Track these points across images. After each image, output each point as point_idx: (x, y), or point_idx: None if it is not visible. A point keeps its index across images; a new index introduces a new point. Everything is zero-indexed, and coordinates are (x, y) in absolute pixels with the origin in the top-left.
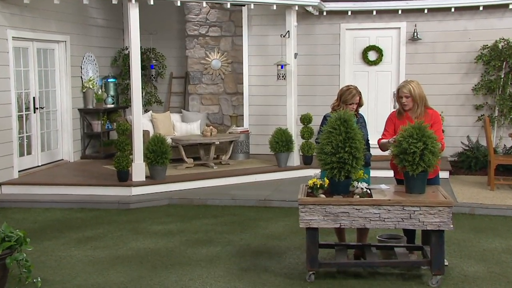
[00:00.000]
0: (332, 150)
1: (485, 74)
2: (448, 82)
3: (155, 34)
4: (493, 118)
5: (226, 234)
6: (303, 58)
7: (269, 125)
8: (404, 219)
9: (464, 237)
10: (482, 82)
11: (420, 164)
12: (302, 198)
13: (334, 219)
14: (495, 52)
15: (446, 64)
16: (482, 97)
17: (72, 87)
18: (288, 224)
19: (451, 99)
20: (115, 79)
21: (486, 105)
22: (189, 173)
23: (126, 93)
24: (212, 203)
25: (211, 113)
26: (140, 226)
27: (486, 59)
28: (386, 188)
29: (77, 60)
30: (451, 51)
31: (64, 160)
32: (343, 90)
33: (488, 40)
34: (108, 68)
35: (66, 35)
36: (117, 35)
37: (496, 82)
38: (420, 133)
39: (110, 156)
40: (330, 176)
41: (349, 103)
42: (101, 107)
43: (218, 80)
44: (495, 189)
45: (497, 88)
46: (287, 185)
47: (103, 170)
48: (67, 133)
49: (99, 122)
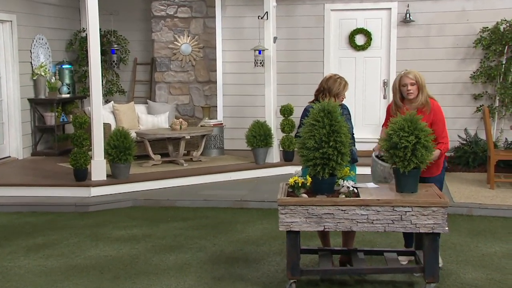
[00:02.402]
0: (315, 145)
1: (485, 60)
2: (443, 69)
3: (116, 15)
4: (493, 109)
5: (198, 239)
6: (283, 42)
7: (246, 117)
8: (395, 221)
9: (461, 241)
10: (481, 69)
11: (412, 160)
12: (282, 199)
13: (318, 221)
14: (496, 35)
15: (442, 49)
16: (481, 85)
17: (20, 74)
18: (267, 228)
19: (447, 87)
20: (71, 66)
21: (485, 95)
22: (156, 171)
23: (83, 81)
24: (182, 204)
25: (180, 104)
26: (100, 231)
27: (486, 43)
28: (375, 186)
29: (26, 43)
30: (447, 34)
31: (11, 157)
32: (330, 82)
33: (488, 21)
34: (62, 52)
35: (12, 13)
36: (73, 15)
37: (497, 68)
38: (412, 125)
39: (65, 153)
40: (313, 174)
41: (341, 95)
42: (55, 97)
43: (189, 67)
44: (495, 188)
45: (498, 75)
46: (266, 184)
47: (58, 169)
48: (15, 126)
49: (53, 114)
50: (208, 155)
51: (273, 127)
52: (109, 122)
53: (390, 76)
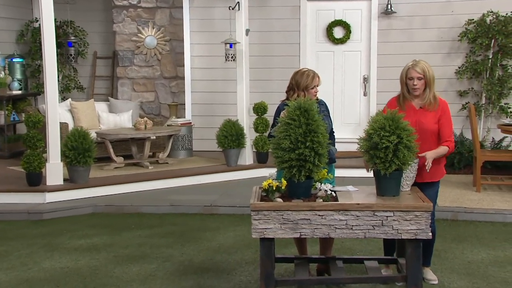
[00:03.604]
0: (291, 146)
1: (471, 54)
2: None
3: (73, 3)
4: (479, 107)
5: (164, 248)
6: (257, 35)
7: (216, 116)
8: (375, 227)
9: (446, 247)
10: (467, 64)
11: (394, 161)
12: (255, 203)
13: (293, 227)
14: (482, 27)
15: (425, 43)
16: (467, 81)
17: None
18: (239, 235)
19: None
20: (23, 59)
21: (471, 91)
22: (118, 174)
23: (37, 76)
24: (147, 210)
25: (145, 101)
26: (56, 240)
27: (471, 36)
28: (354, 190)
29: None
30: (430, 26)
31: None
32: (297, 76)
33: (474, 13)
34: (12, 45)
35: None
36: (24, 3)
37: (483, 63)
38: (393, 124)
39: (17, 155)
40: (289, 177)
41: (311, 88)
42: (5, 94)
43: (154, 62)
44: (482, 191)
45: (484, 70)
46: (238, 188)
47: (8, 172)
48: None
49: (2, 112)
50: (176, 157)
51: (245, 127)
52: (66, 121)
53: (370, 71)
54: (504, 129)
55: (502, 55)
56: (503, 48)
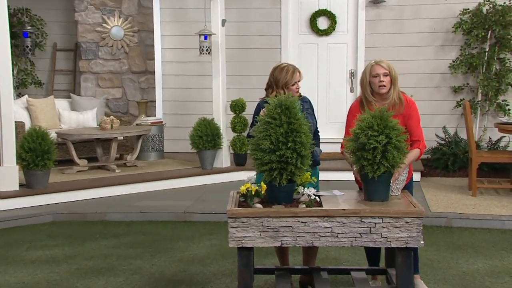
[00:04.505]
0: (271, 147)
1: (466, 46)
2: (419, 58)
3: None
4: (475, 104)
5: (133, 259)
6: (234, 26)
7: (190, 114)
8: (363, 234)
9: (439, 257)
10: (461, 57)
11: (383, 163)
12: (232, 209)
13: (274, 235)
14: (478, 18)
15: (417, 34)
16: (462, 76)
17: None
18: (215, 244)
19: (423, 79)
20: None
21: (466, 87)
22: (81, 179)
23: None
24: (113, 218)
25: (111, 98)
26: (10, 253)
27: (466, 27)
28: (340, 194)
29: None
30: (422, 17)
31: None
32: (276, 72)
33: (469, 2)
34: None
35: None
36: None
37: (479, 57)
38: (382, 123)
39: None
40: (269, 180)
41: (291, 84)
42: None
43: (121, 55)
44: (478, 195)
45: (480, 64)
46: (214, 193)
47: None
48: None
49: None
50: (145, 159)
51: (222, 126)
52: (22, 120)
53: (358, 65)
54: (501, 128)
55: (500, 48)
56: (501, 40)
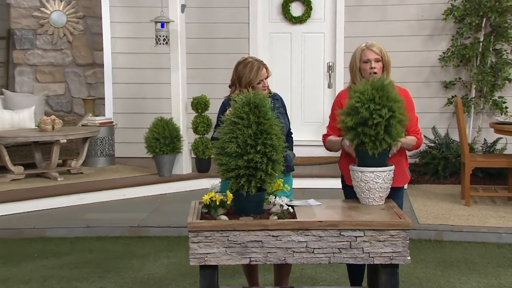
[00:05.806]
0: (238, 150)
1: (458, 36)
2: (405, 49)
3: None
4: (468, 101)
5: (77, 281)
6: (195, 12)
7: (145, 113)
8: (342, 250)
9: (428, 274)
10: (453, 48)
11: (385, 139)
12: (193, 222)
13: (242, 251)
14: (471, 3)
15: (403, 22)
16: (453, 70)
17: None
18: (174, 262)
19: (410, 73)
20: None
21: (458, 82)
22: (16, 188)
23: None
24: (55, 234)
25: (52, 95)
26: None
27: (458, 14)
28: (317, 204)
29: None
30: (408, 2)
31: None
32: (239, 68)
33: None
34: None
35: None
36: None
37: (472, 48)
38: (384, 95)
39: None
40: (235, 188)
41: (256, 83)
42: None
43: (63, 45)
44: (472, 204)
45: (474, 56)
46: (173, 204)
47: None
48: None
49: None
50: (93, 166)
51: (182, 127)
52: None
53: (336, 58)
54: (498, 129)
55: (496, 38)
56: (497, 29)
